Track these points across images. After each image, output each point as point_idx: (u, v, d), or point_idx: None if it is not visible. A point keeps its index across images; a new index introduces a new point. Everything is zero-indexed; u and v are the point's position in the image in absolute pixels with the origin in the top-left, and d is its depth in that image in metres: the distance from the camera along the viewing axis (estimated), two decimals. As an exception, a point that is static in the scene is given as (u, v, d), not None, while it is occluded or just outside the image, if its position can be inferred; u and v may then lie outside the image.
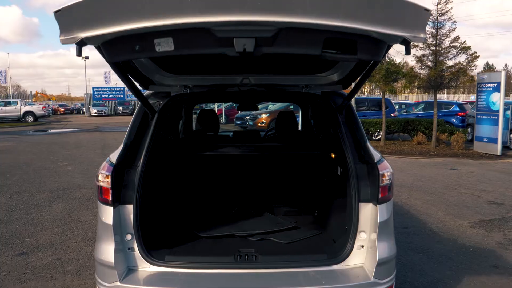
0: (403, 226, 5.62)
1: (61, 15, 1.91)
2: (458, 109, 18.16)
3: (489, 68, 73.95)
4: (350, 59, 2.63)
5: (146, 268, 2.58)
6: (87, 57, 51.28)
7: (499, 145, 12.60)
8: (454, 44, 12.91)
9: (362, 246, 2.64)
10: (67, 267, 4.30)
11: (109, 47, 2.13)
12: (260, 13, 1.83)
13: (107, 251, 2.50)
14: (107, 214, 2.53)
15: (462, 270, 4.22)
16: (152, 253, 2.63)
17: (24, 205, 6.84)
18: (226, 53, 2.27)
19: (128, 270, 2.56)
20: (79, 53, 2.07)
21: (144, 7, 1.84)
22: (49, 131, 24.92)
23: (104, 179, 2.55)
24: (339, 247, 2.71)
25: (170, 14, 1.83)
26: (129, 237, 2.59)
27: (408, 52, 2.14)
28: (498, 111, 12.60)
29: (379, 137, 15.70)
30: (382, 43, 2.18)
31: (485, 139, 13.13)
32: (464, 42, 12.89)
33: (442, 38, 13.07)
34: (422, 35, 1.97)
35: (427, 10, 1.90)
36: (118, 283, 2.46)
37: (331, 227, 3.18)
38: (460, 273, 4.15)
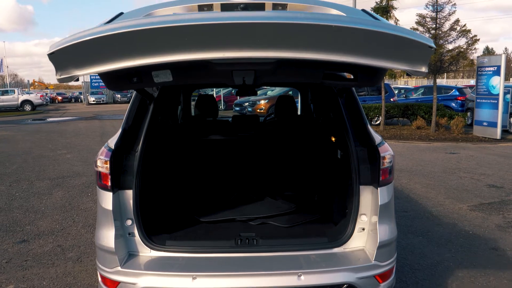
0: (403, 210, 5.63)
1: (54, 57, 1.85)
2: (457, 93, 18.09)
3: (488, 52, 73.55)
4: (350, 85, 2.62)
5: (146, 253, 2.57)
6: (84, 45, 50.80)
7: (499, 129, 12.59)
8: (454, 27, 12.81)
9: (363, 229, 2.63)
10: (68, 254, 4.31)
11: (107, 79, 2.09)
12: (259, 50, 1.79)
13: (108, 236, 2.50)
14: (107, 199, 2.52)
15: (462, 253, 4.24)
16: (152, 238, 2.62)
17: (24, 193, 6.84)
18: (225, 83, 2.26)
19: (128, 255, 2.56)
20: (76, 80, 2.03)
21: (141, 46, 1.80)
22: (48, 119, 24.84)
23: (102, 165, 2.53)
24: (339, 230, 2.71)
25: (167, 52, 1.79)
26: (129, 222, 2.58)
27: (409, 75, 2.10)
28: (498, 95, 12.56)
29: (378, 122, 15.67)
30: (383, 70, 2.14)
31: (484, 123, 13.11)
32: (464, 25, 12.79)
33: (442, 21, 12.97)
34: (423, 69, 1.92)
35: (430, 47, 1.85)
36: (119, 268, 2.46)
37: (331, 210, 3.17)
38: (459, 256, 4.16)
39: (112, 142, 2.63)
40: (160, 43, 1.76)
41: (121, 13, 2.35)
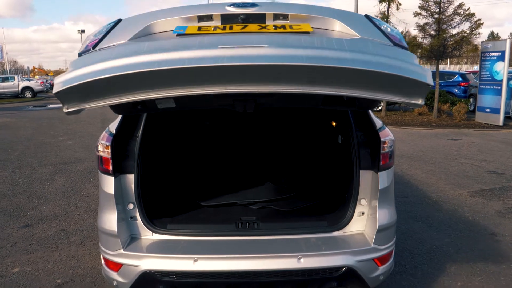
0: (404, 195, 5.66)
1: (60, 96, 1.89)
2: (460, 79, 17.98)
3: (493, 37, 72.86)
4: (348, 108, 2.68)
5: (148, 236, 2.61)
6: (83, 31, 50.64)
7: (502, 115, 12.54)
8: (458, 11, 12.68)
9: (363, 213, 2.66)
10: (72, 238, 4.37)
11: (113, 105, 2.13)
12: (261, 85, 1.81)
13: (110, 220, 2.53)
14: (109, 184, 2.54)
15: (461, 238, 4.28)
16: (154, 221, 2.65)
17: (26, 179, 6.89)
18: (227, 108, 2.35)
19: (131, 239, 2.59)
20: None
21: (146, 84, 1.83)
22: (48, 106, 24.85)
23: (104, 149, 2.55)
24: (339, 214, 2.73)
25: (171, 88, 1.82)
26: (131, 206, 2.61)
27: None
28: (501, 80, 12.49)
29: (380, 107, 15.63)
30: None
31: (487, 109, 13.06)
32: (468, 9, 12.65)
33: (446, 5, 12.83)
34: (420, 102, 1.96)
35: (428, 84, 1.86)
36: (121, 251, 2.50)
37: (332, 194, 3.20)
38: (459, 241, 4.20)
39: (113, 127, 2.65)
40: (164, 80, 1.80)
41: (120, 20, 2.33)
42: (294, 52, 1.80)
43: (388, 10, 14.95)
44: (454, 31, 12.94)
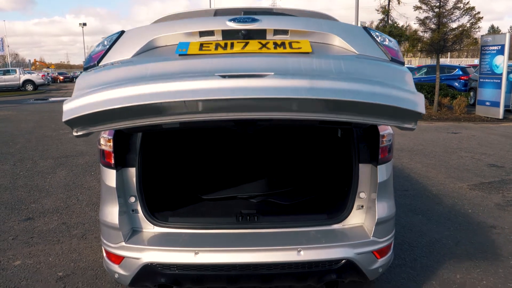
0: (403, 189, 5.68)
1: (70, 123, 1.97)
2: (461, 72, 17.96)
3: (494, 30, 72.58)
4: (345, 127, 2.79)
5: (150, 229, 2.63)
6: (84, 24, 50.51)
7: (502, 109, 12.56)
8: (458, 5, 12.64)
9: (362, 206, 2.68)
10: (73, 231, 4.39)
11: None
12: (262, 113, 1.90)
13: (112, 213, 2.55)
14: (110, 177, 2.56)
15: (460, 231, 4.30)
16: (155, 214, 2.68)
17: (28, 172, 6.91)
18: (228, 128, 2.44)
19: (132, 231, 2.62)
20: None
21: (153, 112, 1.89)
22: (50, 99, 24.86)
23: (106, 143, 2.57)
24: (339, 207, 2.75)
25: (176, 115, 1.90)
26: (132, 199, 2.63)
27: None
28: (501, 74, 12.48)
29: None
30: None
31: (487, 103, 13.06)
32: (468, 3, 12.62)
33: (446, -1, 12.79)
34: (412, 126, 2.05)
35: (420, 113, 1.96)
36: (123, 243, 2.52)
37: (331, 188, 3.22)
38: (458, 234, 4.22)
39: None
40: (169, 110, 1.87)
41: (123, 32, 2.34)
42: (294, 83, 1.84)
43: (388, 4, 14.92)
44: (454, 25, 12.92)
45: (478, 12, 12.65)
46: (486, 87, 13.08)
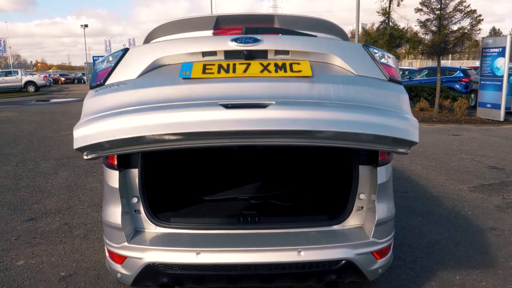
0: (404, 191, 5.70)
1: (81, 149, 2.06)
2: (462, 75, 17.97)
3: (495, 33, 72.57)
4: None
5: (152, 229, 2.66)
6: (86, 25, 50.59)
7: (502, 111, 12.57)
8: (459, 7, 12.68)
9: (362, 207, 2.70)
10: (75, 232, 4.42)
11: None
12: (261, 139, 2.00)
13: (114, 213, 2.58)
14: (113, 178, 2.59)
15: (460, 232, 4.32)
16: (157, 215, 2.70)
17: (30, 173, 6.95)
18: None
19: (135, 232, 2.64)
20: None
21: (157, 141, 1.98)
22: (51, 100, 24.92)
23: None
24: (339, 209, 2.78)
25: (179, 142, 2.01)
26: (135, 200, 2.66)
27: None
28: (502, 76, 12.50)
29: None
30: None
31: (488, 105, 13.08)
32: (469, 5, 12.65)
33: (447, 1, 12.82)
34: (405, 150, 2.15)
35: (414, 142, 2.07)
36: (125, 243, 2.54)
37: (331, 189, 3.24)
38: (457, 235, 4.25)
39: None
40: (174, 138, 1.97)
41: (127, 50, 2.39)
42: (293, 115, 1.92)
43: (389, 6, 14.93)
44: (455, 27, 12.95)
45: (479, 15, 12.68)
46: (487, 89, 13.09)
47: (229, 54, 2.29)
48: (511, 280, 3.35)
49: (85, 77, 53.85)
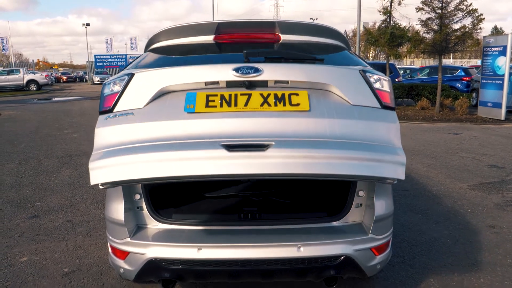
0: (404, 189, 5.74)
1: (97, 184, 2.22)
2: (463, 74, 17.98)
3: (497, 31, 72.40)
4: None
5: (154, 225, 2.70)
6: (88, 24, 50.66)
7: (503, 110, 12.58)
8: (460, 6, 12.68)
9: (361, 204, 2.74)
10: (78, 229, 4.47)
11: None
12: (261, 175, 2.14)
13: (117, 210, 2.62)
14: None
15: (460, 230, 4.36)
16: (159, 211, 2.74)
17: (33, 171, 7.00)
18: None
19: (137, 228, 2.68)
20: None
21: (168, 178, 2.15)
22: (53, 99, 25.00)
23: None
24: (338, 205, 2.81)
25: (183, 179, 2.19)
26: (137, 197, 2.70)
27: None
28: (503, 75, 12.51)
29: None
30: None
31: (489, 104, 13.09)
32: (471, 4, 12.66)
33: (448, 0, 12.83)
34: (393, 182, 2.30)
35: (400, 179, 2.24)
36: (128, 239, 2.59)
37: (331, 186, 3.27)
38: (457, 233, 4.28)
39: None
40: (183, 177, 2.16)
41: (132, 75, 2.47)
42: (291, 160, 2.10)
43: (390, 5, 14.93)
44: (456, 26, 12.95)
45: (481, 14, 12.68)
46: (488, 88, 13.10)
47: (230, 85, 2.39)
48: (508, 277, 3.39)
49: (86, 76, 53.94)
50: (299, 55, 2.62)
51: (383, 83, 2.48)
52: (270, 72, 2.37)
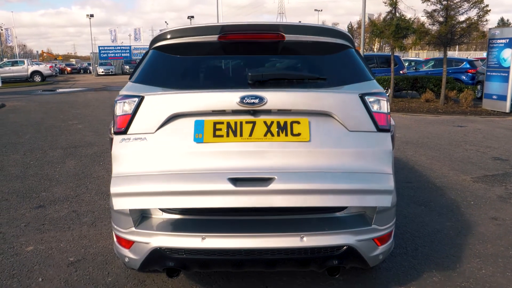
0: (407, 181, 5.74)
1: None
2: (468, 66, 17.86)
3: (503, 23, 71.74)
4: None
5: (159, 215, 2.73)
6: (92, 15, 50.57)
7: (508, 102, 12.50)
8: (466, -2, 12.56)
9: None
10: (83, 219, 4.52)
11: None
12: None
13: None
14: None
15: (462, 222, 4.37)
16: None
17: (38, 161, 7.06)
18: None
19: (142, 217, 2.71)
20: None
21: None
22: (58, 90, 25.06)
23: (116, 132, 2.66)
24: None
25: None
26: None
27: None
28: (509, 68, 12.41)
29: (387, 94, 15.56)
30: None
31: (494, 96, 13.02)
32: (477, -5, 12.53)
33: (454, -8, 12.71)
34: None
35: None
36: (133, 228, 2.62)
37: None
38: (459, 225, 4.29)
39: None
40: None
41: (142, 98, 2.56)
42: (291, 197, 2.38)
43: (396, -4, 14.79)
44: (462, 18, 12.84)
45: (487, 5, 12.56)
46: (493, 80, 13.02)
47: (236, 113, 2.50)
48: (510, 269, 3.40)
49: (91, 67, 53.96)
50: (302, 76, 2.70)
51: (381, 104, 2.60)
52: (273, 101, 2.47)
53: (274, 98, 2.48)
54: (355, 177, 2.43)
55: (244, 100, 2.44)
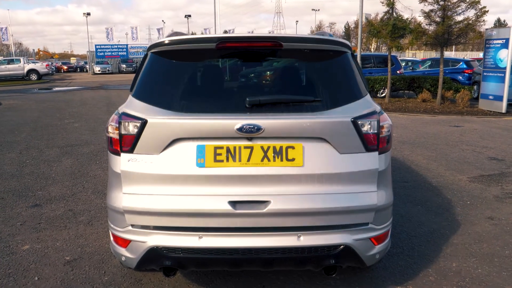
0: (404, 180, 5.76)
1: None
2: (465, 66, 17.90)
3: (500, 24, 71.99)
4: None
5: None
6: (88, 14, 50.38)
7: (505, 103, 12.54)
8: (463, -2, 12.59)
9: None
10: (79, 218, 4.50)
11: None
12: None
13: (119, 198, 2.64)
14: (118, 163, 2.65)
15: (458, 221, 4.38)
16: None
17: (34, 160, 7.03)
18: None
19: None
20: None
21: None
22: (54, 89, 24.97)
23: (113, 131, 2.65)
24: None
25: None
26: None
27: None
28: (505, 68, 12.45)
29: (384, 94, 15.64)
30: None
31: (490, 97, 13.06)
32: (474, -5, 12.56)
33: (451, -8, 12.73)
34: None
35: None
36: (130, 227, 2.61)
37: None
38: (456, 224, 4.31)
39: (122, 109, 2.74)
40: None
41: (145, 122, 2.57)
42: (284, 219, 2.54)
43: (393, -4, 14.81)
44: (459, 18, 12.86)
45: (484, 6, 12.59)
46: (490, 80, 13.06)
47: (235, 138, 2.54)
48: (506, 268, 3.42)
49: (87, 66, 53.80)
50: (298, 100, 2.71)
51: (372, 125, 2.62)
52: (270, 129, 2.51)
53: (271, 126, 2.51)
54: (344, 199, 2.56)
55: (242, 129, 2.48)
